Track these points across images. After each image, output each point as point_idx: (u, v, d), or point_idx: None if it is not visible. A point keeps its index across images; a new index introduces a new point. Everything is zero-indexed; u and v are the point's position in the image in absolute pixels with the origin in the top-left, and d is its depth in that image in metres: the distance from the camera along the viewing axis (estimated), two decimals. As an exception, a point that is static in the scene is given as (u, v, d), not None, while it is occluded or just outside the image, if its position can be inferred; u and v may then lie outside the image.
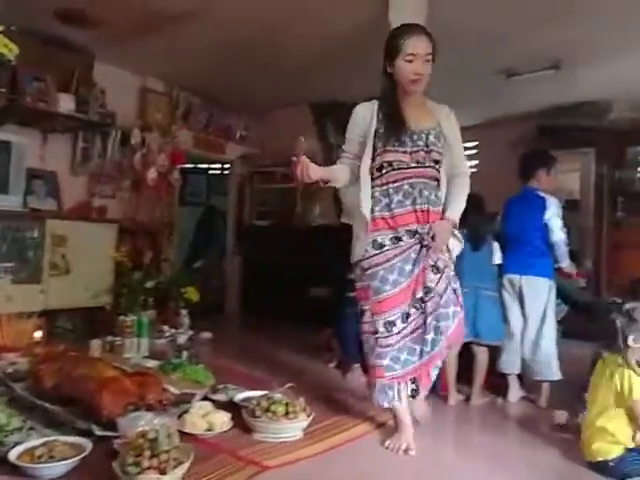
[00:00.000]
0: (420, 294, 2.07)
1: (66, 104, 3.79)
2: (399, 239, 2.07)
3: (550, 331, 2.84)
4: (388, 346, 2.06)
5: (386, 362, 2.06)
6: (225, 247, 5.90)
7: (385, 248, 2.07)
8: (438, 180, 2.16)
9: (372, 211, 2.10)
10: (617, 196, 5.00)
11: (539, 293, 2.84)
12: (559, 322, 4.10)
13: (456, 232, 2.16)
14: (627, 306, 1.99)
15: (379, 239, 2.08)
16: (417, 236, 2.07)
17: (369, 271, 2.09)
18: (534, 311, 2.84)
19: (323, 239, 3.91)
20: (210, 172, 7.00)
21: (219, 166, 6.67)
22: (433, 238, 2.05)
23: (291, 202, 5.40)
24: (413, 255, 2.07)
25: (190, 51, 4.11)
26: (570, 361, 2.84)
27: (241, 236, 5.79)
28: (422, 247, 2.07)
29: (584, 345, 2.98)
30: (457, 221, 2.16)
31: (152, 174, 4.61)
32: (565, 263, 2.94)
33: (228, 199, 5.93)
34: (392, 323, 2.06)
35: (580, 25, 3.40)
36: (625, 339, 1.92)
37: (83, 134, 4.29)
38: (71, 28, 3.72)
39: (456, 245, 2.17)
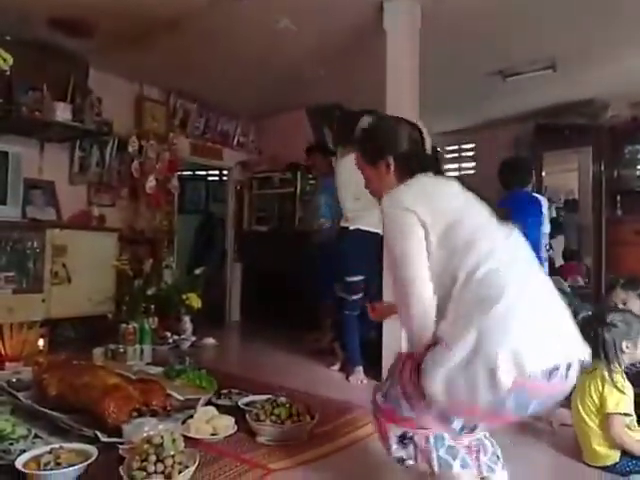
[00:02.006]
0: None
1: (62, 113, 3.79)
2: None
3: None
4: None
5: None
6: (225, 254, 5.91)
7: None
8: None
9: None
10: (616, 194, 5.02)
11: None
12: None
13: None
14: (613, 317, 1.99)
15: None
16: None
17: None
18: None
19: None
20: (208, 179, 7.02)
21: (217, 173, 6.68)
22: None
23: (290, 207, 5.41)
24: None
25: (186, 58, 4.12)
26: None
27: (241, 242, 5.80)
28: None
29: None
30: None
31: (151, 182, 4.63)
32: None
33: (227, 205, 5.94)
34: None
35: (576, 25, 3.43)
36: (617, 349, 1.94)
37: (80, 143, 4.31)
38: (65, 37, 3.74)
39: None
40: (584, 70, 4.22)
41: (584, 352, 1.34)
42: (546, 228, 2.96)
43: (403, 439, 1.43)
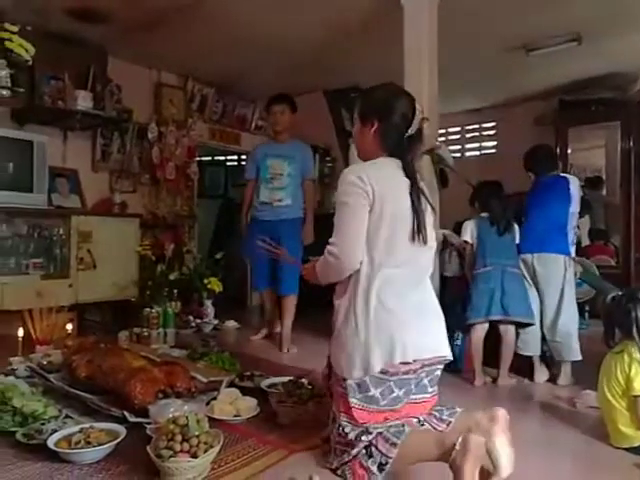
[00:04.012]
0: None
1: (83, 101, 3.84)
2: None
3: (569, 310, 2.78)
4: None
5: None
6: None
7: None
8: None
9: None
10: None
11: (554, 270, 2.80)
12: (585, 303, 4.03)
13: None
14: None
15: None
16: None
17: None
18: (550, 289, 2.79)
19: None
20: (227, 164, 7.04)
21: (236, 157, 6.69)
22: None
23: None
24: None
25: (202, 42, 4.12)
26: (595, 341, 2.78)
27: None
28: None
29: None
30: None
31: (170, 168, 4.67)
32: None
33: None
34: None
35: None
36: None
37: (102, 131, 4.36)
38: (83, 25, 3.77)
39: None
40: (610, 42, 4.06)
41: (447, 353, 1.68)
42: (573, 208, 2.89)
43: (367, 450, 1.57)
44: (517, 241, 2.87)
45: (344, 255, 1.63)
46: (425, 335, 1.63)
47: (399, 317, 1.59)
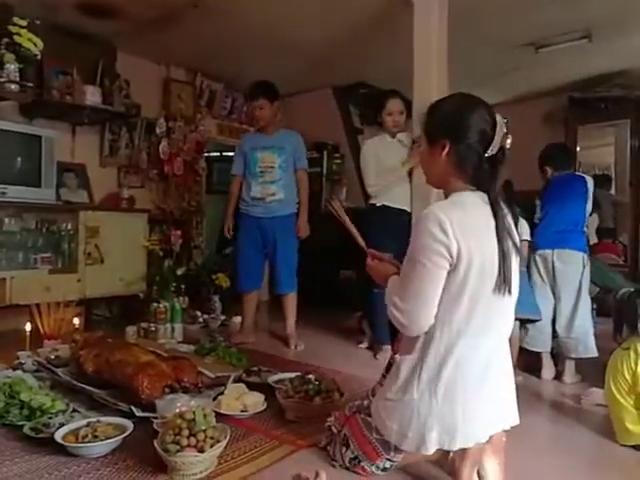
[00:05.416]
0: None
1: (92, 96, 3.85)
2: None
3: (585, 307, 2.78)
4: None
5: None
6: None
7: None
8: None
9: None
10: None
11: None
12: (593, 300, 4.00)
13: None
14: None
15: None
16: None
17: None
18: (568, 286, 2.77)
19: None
20: (235, 159, 7.02)
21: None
22: None
23: (317, 186, 5.37)
24: None
25: (212, 38, 4.11)
26: (601, 338, 2.77)
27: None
28: None
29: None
30: None
31: (179, 163, 4.68)
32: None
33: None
34: None
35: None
36: None
37: (110, 126, 4.37)
38: (92, 20, 3.77)
39: None
40: (621, 39, 4.02)
41: (513, 420, 1.49)
42: (589, 206, 2.91)
43: None
44: (525, 237, 2.85)
45: (412, 322, 1.41)
46: (493, 412, 1.44)
47: (468, 400, 1.39)
